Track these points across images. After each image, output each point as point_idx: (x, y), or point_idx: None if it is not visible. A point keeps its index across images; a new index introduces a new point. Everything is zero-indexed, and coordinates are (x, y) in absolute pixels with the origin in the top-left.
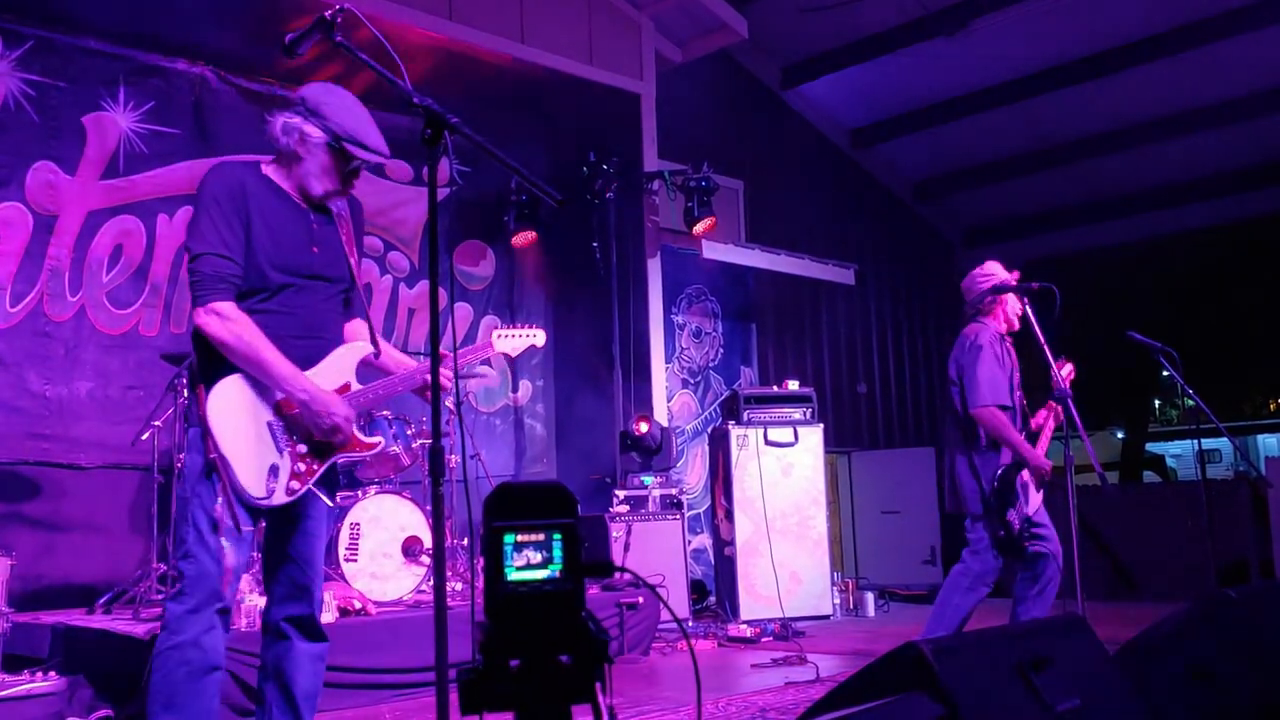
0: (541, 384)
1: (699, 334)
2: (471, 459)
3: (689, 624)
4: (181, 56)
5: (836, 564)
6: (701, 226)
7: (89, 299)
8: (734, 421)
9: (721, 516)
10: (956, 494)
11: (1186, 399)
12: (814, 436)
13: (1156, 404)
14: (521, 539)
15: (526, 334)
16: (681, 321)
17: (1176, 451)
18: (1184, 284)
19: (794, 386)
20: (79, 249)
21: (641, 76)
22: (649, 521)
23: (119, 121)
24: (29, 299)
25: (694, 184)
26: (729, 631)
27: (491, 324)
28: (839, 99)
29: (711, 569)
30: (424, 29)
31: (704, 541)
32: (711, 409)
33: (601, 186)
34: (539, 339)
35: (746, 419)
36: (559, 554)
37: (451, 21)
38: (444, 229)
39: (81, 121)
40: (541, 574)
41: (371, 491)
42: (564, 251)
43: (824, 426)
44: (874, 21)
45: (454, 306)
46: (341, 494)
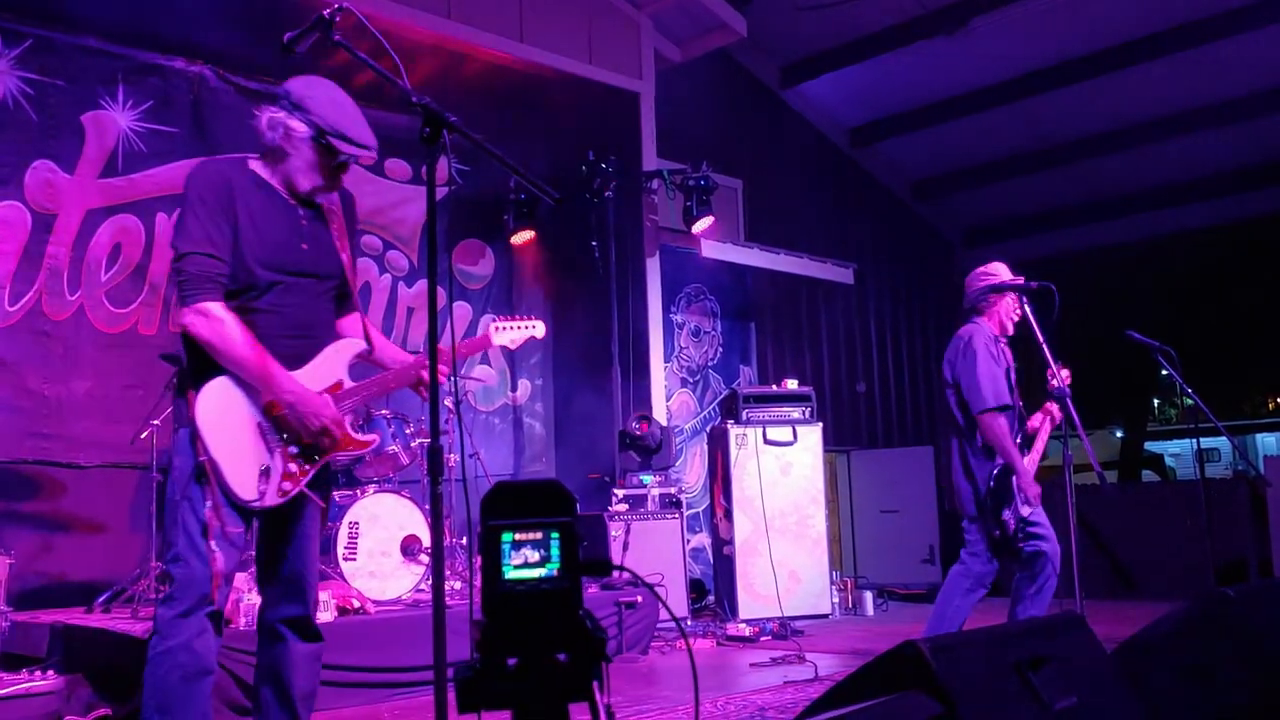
0: (540, 383)
1: (698, 333)
2: (470, 458)
3: (688, 623)
4: (180, 55)
5: (835, 563)
6: (701, 225)
7: (88, 298)
8: (733, 420)
9: (720, 515)
10: (953, 496)
11: (1185, 398)
12: (813, 435)
13: (1155, 403)
14: (519, 538)
15: (525, 325)
16: (680, 320)
17: (1175, 450)
18: (1183, 283)
19: (793, 385)
20: (78, 248)
21: (640, 75)
22: (648, 520)
23: (118, 120)
24: (28, 298)
25: (693, 183)
26: (728, 630)
27: (490, 319)
28: (838, 98)
29: (710, 568)
30: (423, 28)
31: (703, 540)
32: (710, 408)
33: (600, 185)
34: (538, 330)
35: (745, 418)
36: (556, 552)
37: (450, 20)
38: (443, 228)
39: (80, 120)
40: (539, 572)
41: (370, 490)
42: (563, 250)
43: (823, 425)
44: (873, 20)
45: (453, 305)
46: (340, 492)
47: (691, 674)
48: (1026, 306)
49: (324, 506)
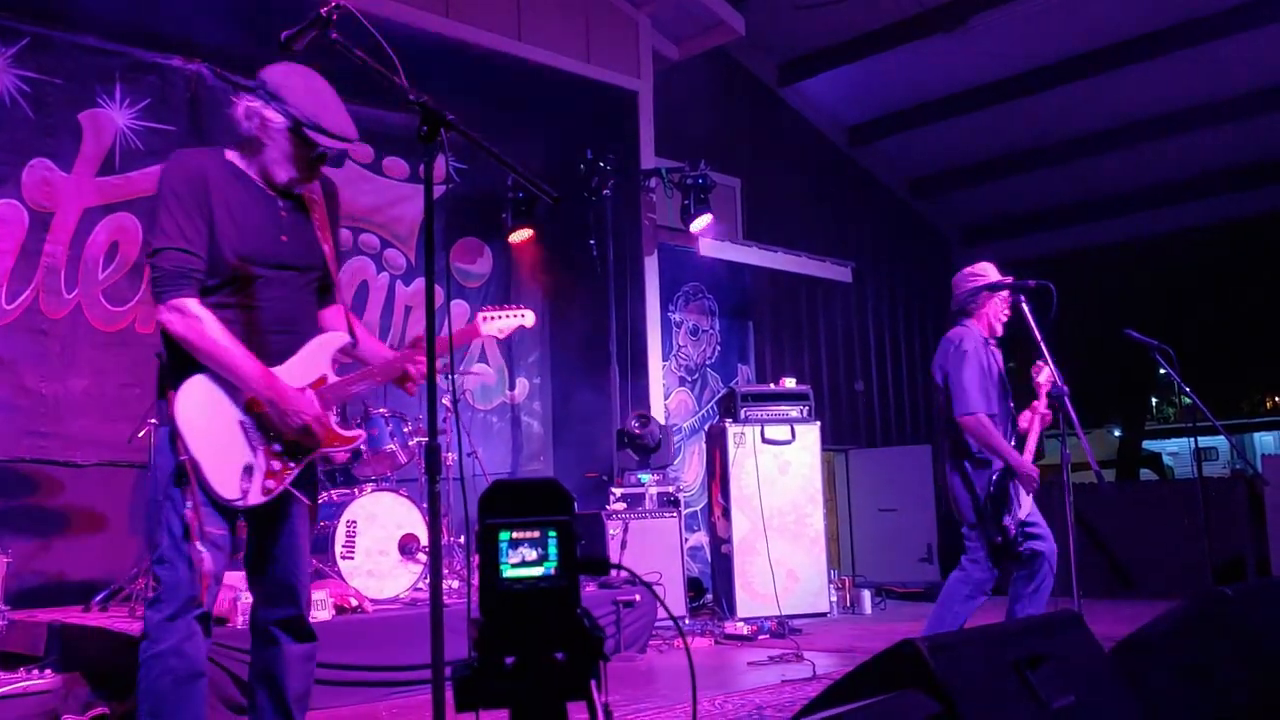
0: (538, 381)
1: (696, 332)
2: (468, 456)
3: (686, 622)
4: (178, 53)
5: (833, 562)
6: (700, 224)
7: (85, 296)
8: (731, 419)
9: (718, 514)
10: (951, 503)
11: (1183, 397)
12: (811, 434)
13: (1154, 402)
14: (516, 536)
15: (514, 314)
16: (679, 319)
17: (1173, 449)
18: (1182, 282)
19: (791, 384)
20: (75, 246)
21: (639, 74)
22: (646, 519)
23: (115, 118)
24: (25, 296)
25: (691, 181)
26: (726, 629)
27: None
28: (836, 96)
29: (708, 567)
30: (421, 25)
31: (701, 539)
32: (708, 406)
33: (598, 184)
34: (528, 319)
35: (744, 417)
36: (554, 551)
37: (448, 18)
38: (440, 226)
39: (77, 118)
40: (536, 571)
41: (368, 489)
42: (561, 249)
43: (821, 424)
44: (871, 19)
45: (450, 304)
46: (338, 491)
47: (690, 673)
48: (1025, 306)
49: (310, 505)
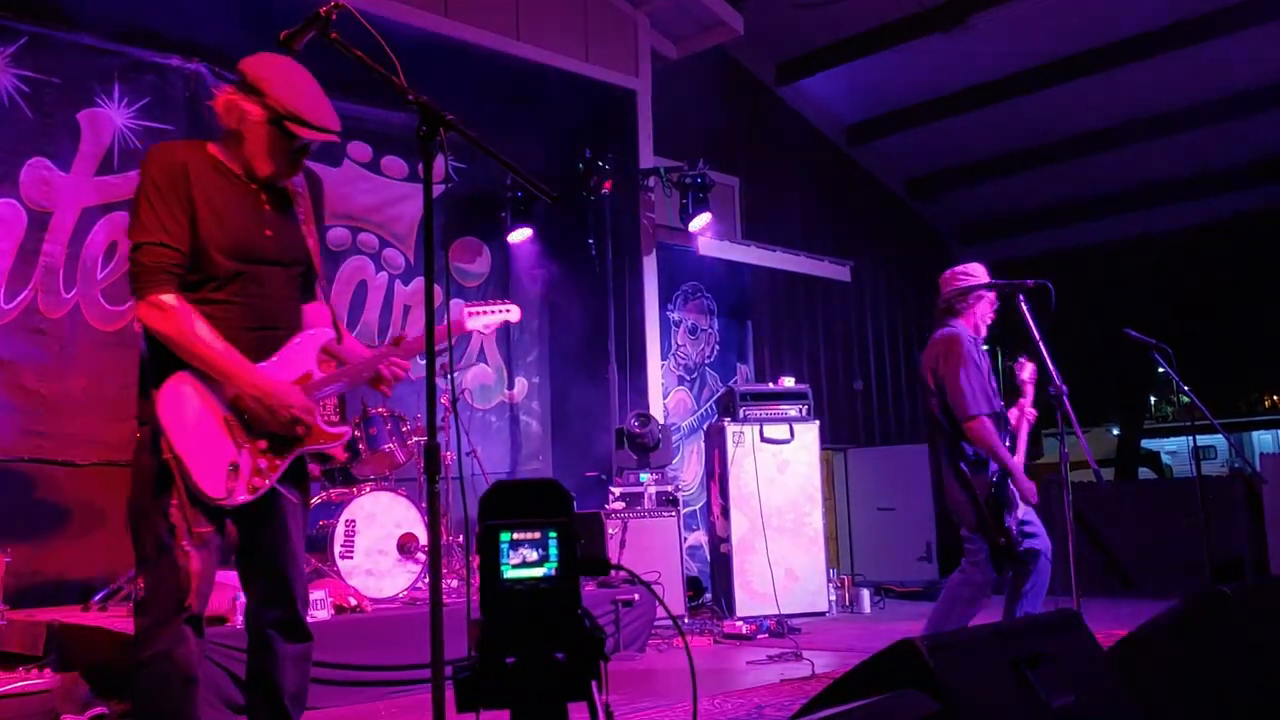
0: (537, 381)
1: (695, 331)
2: (467, 456)
3: (685, 621)
4: (176, 53)
5: (832, 561)
6: (699, 223)
7: (83, 296)
8: (730, 418)
9: (717, 513)
10: (949, 506)
11: (1182, 396)
12: (810, 433)
13: (1152, 401)
14: (517, 537)
15: (498, 310)
16: (677, 318)
17: (1172, 448)
18: (1180, 280)
19: (790, 383)
20: (73, 245)
21: (637, 73)
22: (645, 518)
23: (114, 118)
24: (23, 296)
25: (690, 180)
26: (725, 628)
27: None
28: (835, 95)
29: (707, 566)
30: (419, 24)
31: (700, 538)
32: (707, 406)
33: (597, 183)
34: (513, 314)
35: (742, 416)
36: (555, 552)
37: (447, 17)
38: (439, 225)
39: (76, 118)
40: (537, 572)
41: (367, 489)
42: (560, 248)
43: (820, 423)
44: (870, 17)
45: (449, 303)
46: (337, 490)
47: (690, 672)
48: (1024, 305)
49: (297, 503)
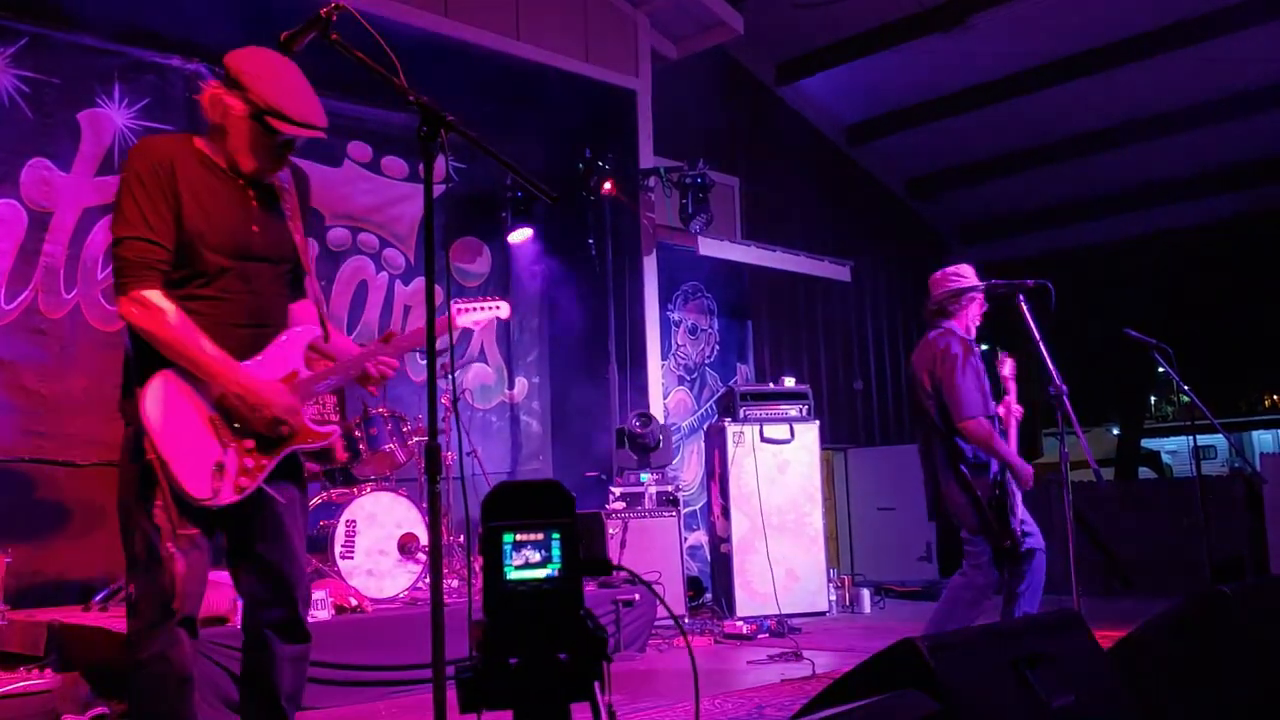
0: (537, 381)
1: (695, 331)
2: (468, 456)
3: (685, 621)
4: (176, 53)
5: (832, 560)
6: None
7: (84, 296)
8: (730, 418)
9: (718, 513)
10: (948, 510)
11: (1182, 395)
12: (810, 433)
13: (1152, 400)
14: (520, 538)
15: (489, 306)
16: (677, 318)
17: (1172, 448)
18: (1180, 280)
19: (790, 383)
20: (74, 246)
21: (637, 73)
22: (645, 518)
23: (114, 118)
24: (24, 296)
25: (690, 181)
26: (725, 628)
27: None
28: (835, 95)
29: (707, 566)
30: (420, 25)
31: (700, 538)
32: (707, 406)
33: (597, 183)
34: (503, 311)
35: (743, 416)
36: (557, 553)
37: (447, 18)
38: (440, 225)
39: (76, 118)
40: (540, 573)
41: (367, 489)
42: (560, 248)
43: (820, 423)
44: (870, 17)
45: (450, 303)
46: (337, 491)
47: (692, 672)
48: (1024, 305)
49: (293, 500)
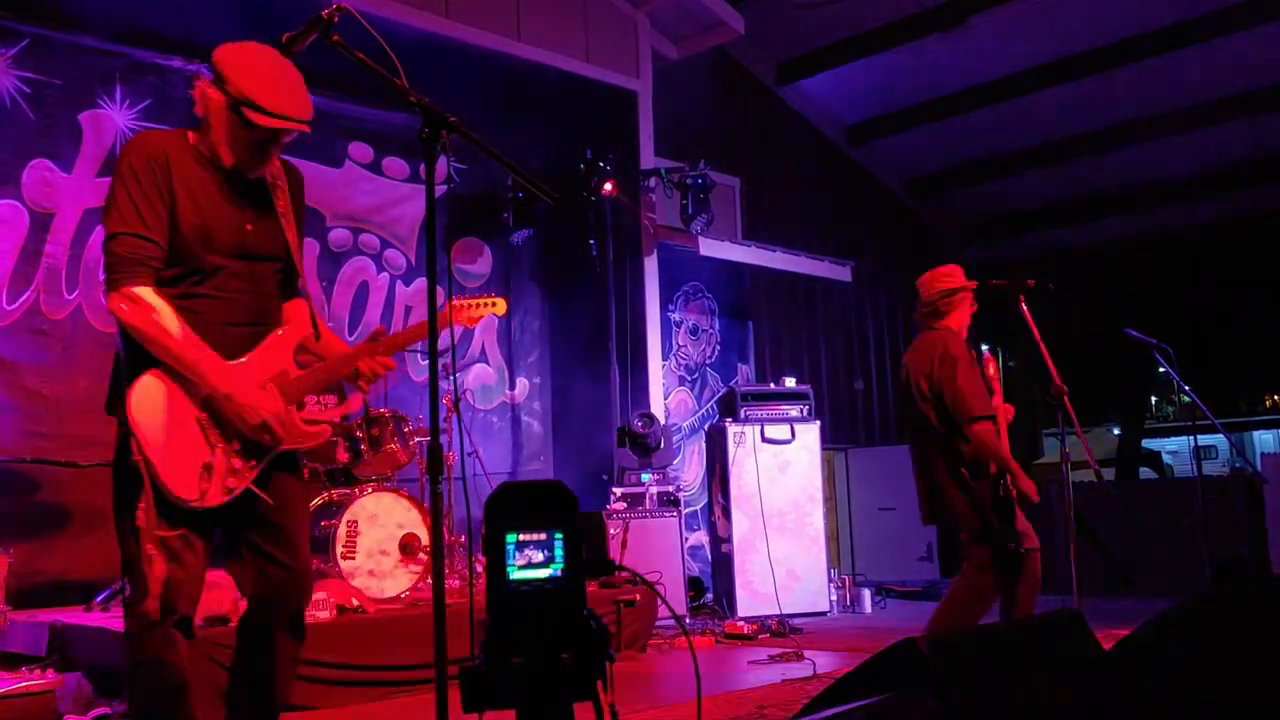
0: (538, 381)
1: (696, 331)
2: (469, 456)
3: (686, 621)
4: (178, 54)
5: (833, 560)
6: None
7: (86, 297)
8: (731, 419)
9: (719, 513)
10: (950, 515)
11: (1183, 395)
12: (811, 433)
13: (1153, 400)
14: (523, 538)
15: (485, 303)
16: (678, 319)
17: (1173, 448)
18: (1180, 280)
19: (791, 384)
20: (76, 246)
21: (638, 74)
22: (646, 519)
23: (115, 119)
24: (25, 297)
25: (691, 181)
26: (726, 628)
27: (489, 321)
28: (835, 95)
29: (709, 566)
30: (421, 26)
31: (701, 538)
32: (708, 406)
33: (598, 184)
34: (499, 307)
35: (743, 416)
36: (560, 553)
37: (448, 19)
38: (441, 226)
39: (78, 119)
40: (543, 573)
41: (369, 489)
42: (561, 249)
43: (821, 423)
44: (870, 18)
45: (451, 304)
46: (339, 491)
47: (694, 671)
48: (1025, 305)
49: (277, 500)
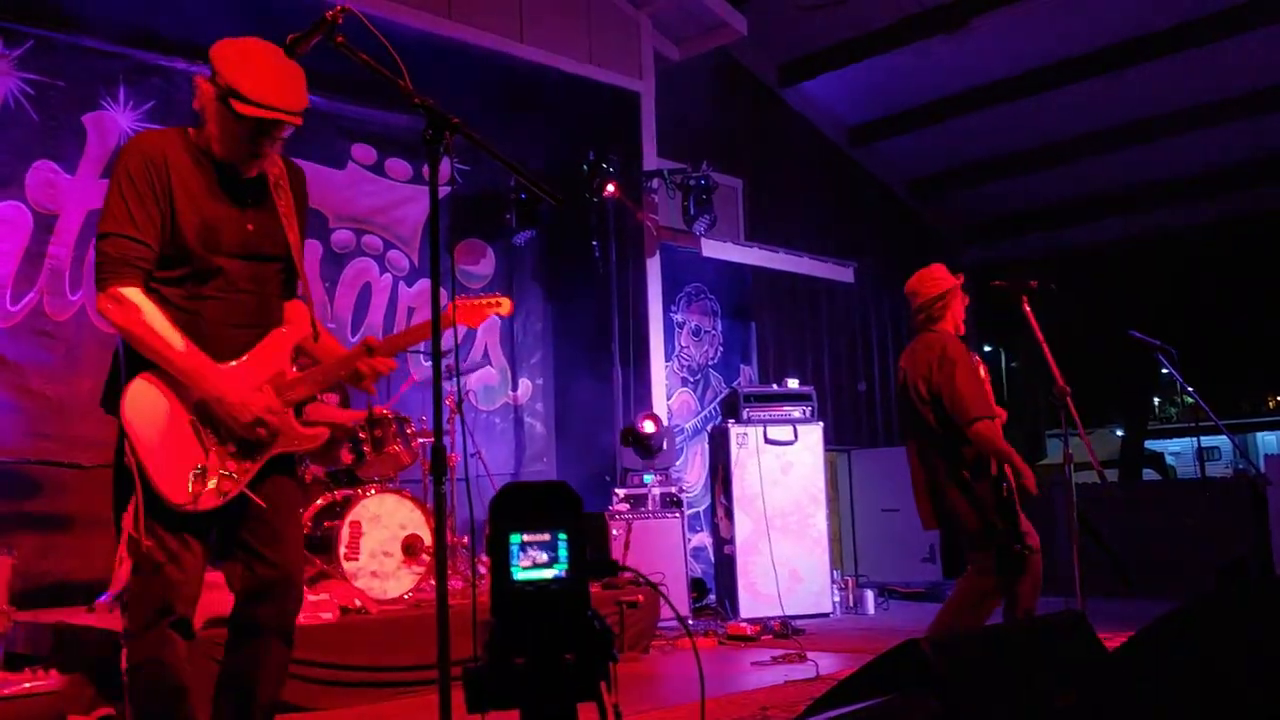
0: (541, 382)
1: (698, 332)
2: (472, 457)
3: (689, 622)
4: (181, 55)
5: (836, 562)
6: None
7: (89, 298)
8: (734, 420)
9: (721, 515)
10: (953, 518)
11: (1186, 397)
12: (813, 434)
13: (1156, 402)
14: (527, 539)
15: (488, 302)
16: (681, 320)
17: (1176, 449)
18: (1183, 282)
19: (793, 385)
20: (79, 248)
21: (640, 75)
22: (649, 520)
23: (119, 120)
24: (29, 298)
25: (693, 182)
26: (729, 629)
27: (492, 322)
28: (837, 96)
29: (711, 567)
30: (424, 27)
31: (704, 540)
32: (711, 407)
33: (600, 185)
34: (504, 307)
35: (746, 417)
36: (564, 554)
37: (451, 20)
38: (444, 227)
39: (81, 120)
40: (547, 574)
41: (372, 490)
42: (563, 250)
43: (823, 424)
44: (873, 19)
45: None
46: (342, 492)
47: (698, 672)
48: (1027, 306)
49: (272, 504)
